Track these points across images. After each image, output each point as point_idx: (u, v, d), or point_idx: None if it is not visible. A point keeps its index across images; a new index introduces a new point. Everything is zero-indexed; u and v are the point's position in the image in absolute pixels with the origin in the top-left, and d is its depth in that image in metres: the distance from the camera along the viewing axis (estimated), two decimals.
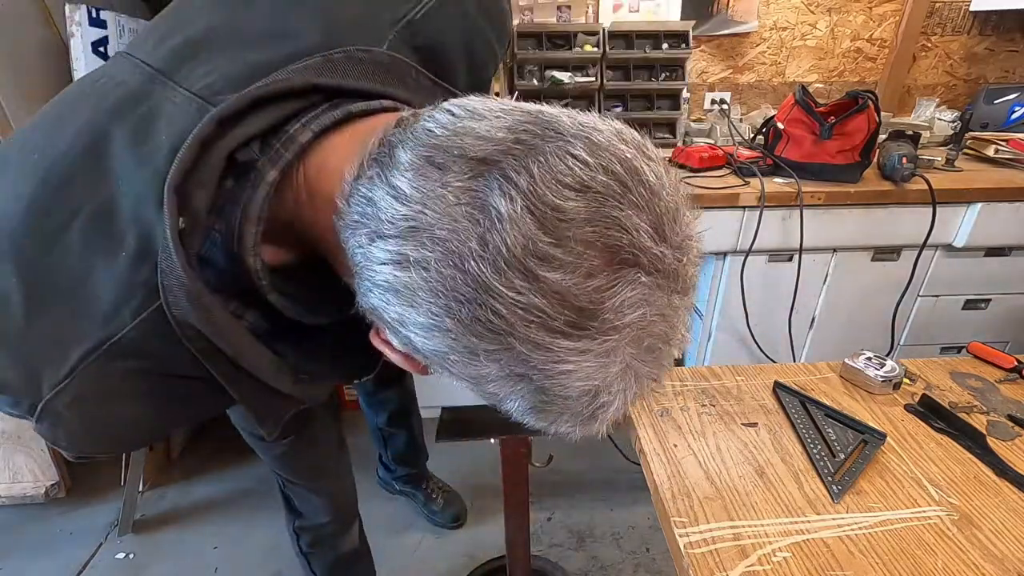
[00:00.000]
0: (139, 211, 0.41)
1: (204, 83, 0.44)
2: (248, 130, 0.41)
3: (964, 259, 1.70)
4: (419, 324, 0.34)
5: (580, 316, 0.31)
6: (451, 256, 0.31)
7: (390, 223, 0.33)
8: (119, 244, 0.42)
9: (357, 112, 0.44)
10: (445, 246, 0.31)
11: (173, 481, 1.71)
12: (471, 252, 0.31)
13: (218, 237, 0.42)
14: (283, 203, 0.43)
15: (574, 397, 0.35)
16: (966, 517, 0.62)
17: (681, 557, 0.57)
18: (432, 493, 1.59)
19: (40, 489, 1.58)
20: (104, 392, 0.45)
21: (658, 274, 0.33)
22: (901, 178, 1.53)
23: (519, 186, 0.31)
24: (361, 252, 0.35)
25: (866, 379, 0.82)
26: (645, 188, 0.32)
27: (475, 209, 0.31)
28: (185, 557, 1.47)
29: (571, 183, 0.31)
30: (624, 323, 0.32)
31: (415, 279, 0.32)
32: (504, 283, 0.30)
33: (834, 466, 0.68)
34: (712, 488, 0.65)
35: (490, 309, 0.31)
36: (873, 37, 2.12)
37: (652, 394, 0.40)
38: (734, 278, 1.66)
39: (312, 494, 1.04)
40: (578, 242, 0.31)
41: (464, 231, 0.31)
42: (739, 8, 2.04)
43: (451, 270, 0.31)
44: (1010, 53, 2.16)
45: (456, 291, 0.32)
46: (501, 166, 0.32)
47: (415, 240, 0.32)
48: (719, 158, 1.72)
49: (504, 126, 0.33)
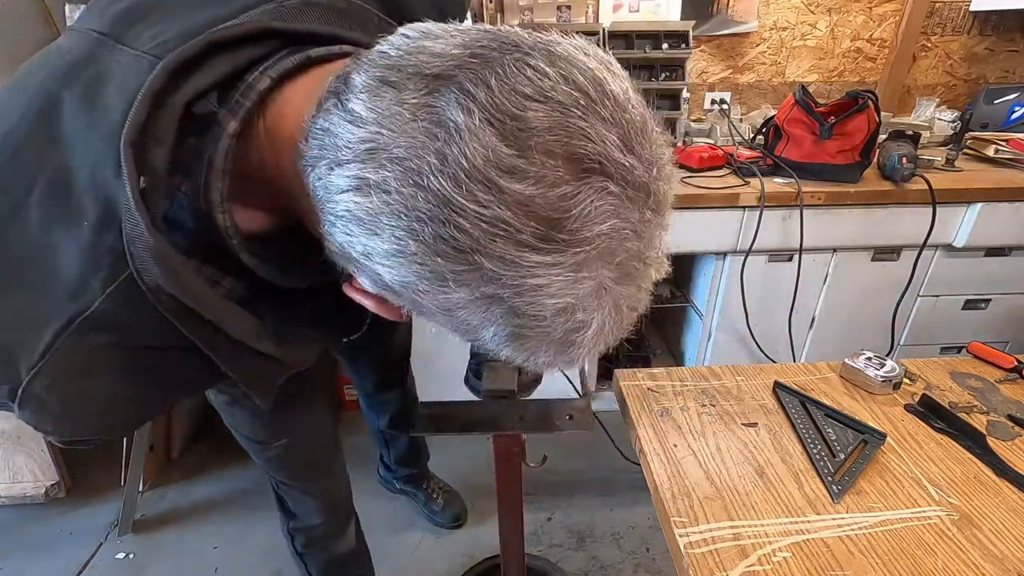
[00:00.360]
0: (96, 176, 0.40)
1: (156, 42, 0.43)
2: (204, 80, 0.39)
3: (964, 259, 1.70)
4: (384, 252, 0.33)
5: (547, 227, 0.30)
6: (410, 174, 0.30)
7: (347, 148, 0.32)
8: (79, 213, 0.40)
9: (316, 57, 0.42)
10: (404, 164, 0.31)
11: (173, 481, 1.71)
12: (430, 168, 0.30)
13: (184, 198, 0.41)
14: (248, 155, 0.42)
15: (548, 317, 0.33)
16: (966, 517, 0.62)
17: (681, 557, 0.57)
18: (433, 493, 1.59)
19: (40, 489, 1.58)
20: (81, 370, 0.44)
21: (628, 186, 0.32)
22: (901, 178, 1.53)
23: (477, 98, 0.30)
24: (321, 184, 0.34)
25: (866, 379, 0.82)
26: (610, 100, 0.31)
27: (432, 124, 0.30)
28: (185, 557, 1.47)
29: (531, 94, 0.30)
30: (593, 234, 0.31)
31: (375, 203, 0.32)
32: (466, 197, 0.29)
33: (834, 466, 0.68)
34: (712, 488, 0.65)
35: (453, 226, 0.30)
36: (873, 37, 2.12)
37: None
38: (734, 278, 1.66)
39: (306, 496, 1.03)
40: (541, 151, 0.30)
41: (422, 147, 0.30)
42: (739, 8, 2.04)
43: (411, 188, 0.31)
44: (1010, 53, 2.16)
45: (417, 210, 0.31)
46: (457, 80, 0.31)
47: (373, 162, 0.31)
48: (719, 158, 1.72)
49: (460, 43, 0.33)
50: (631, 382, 0.84)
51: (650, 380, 0.85)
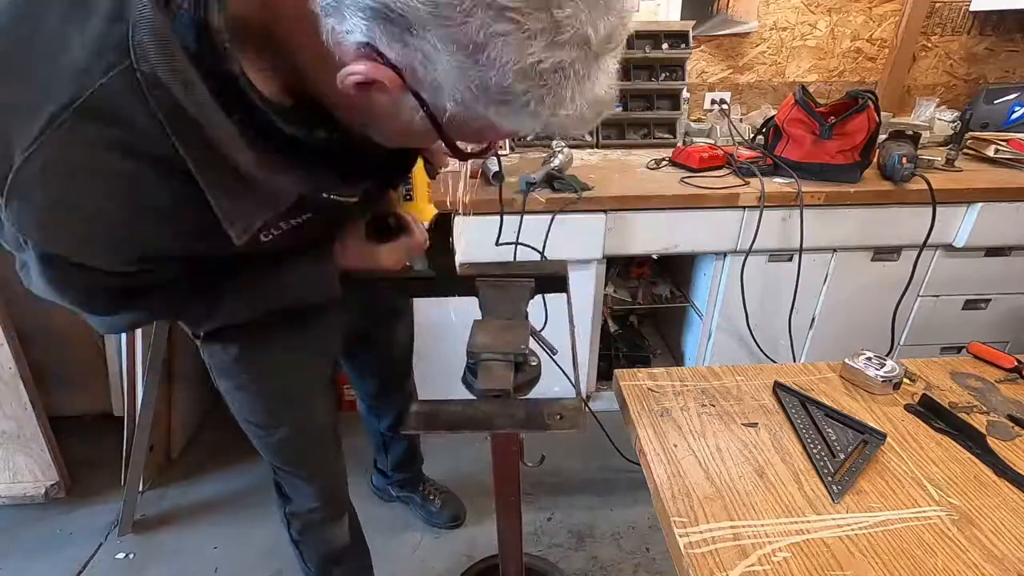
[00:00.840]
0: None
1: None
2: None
3: (964, 259, 1.70)
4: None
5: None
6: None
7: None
8: (92, 8, 0.43)
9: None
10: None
11: (173, 481, 1.71)
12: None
13: (185, 14, 0.43)
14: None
15: None
16: (966, 517, 0.62)
17: (681, 557, 0.57)
18: (429, 495, 1.59)
19: (40, 489, 1.58)
20: (73, 163, 0.45)
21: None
22: (901, 178, 1.54)
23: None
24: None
25: (866, 379, 0.82)
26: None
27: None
28: (185, 557, 1.47)
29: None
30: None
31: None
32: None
33: (834, 466, 0.68)
34: (712, 488, 0.65)
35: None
36: (873, 37, 2.12)
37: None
38: (734, 278, 1.66)
39: (303, 482, 1.05)
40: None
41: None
42: (739, 8, 2.04)
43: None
44: (1010, 53, 2.16)
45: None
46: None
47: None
48: (719, 158, 1.72)
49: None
50: (631, 382, 0.84)
51: (650, 380, 0.85)
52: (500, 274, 0.97)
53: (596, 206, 1.51)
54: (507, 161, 1.87)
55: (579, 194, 1.48)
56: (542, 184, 1.54)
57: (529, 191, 1.48)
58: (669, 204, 1.53)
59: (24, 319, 1.57)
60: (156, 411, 1.54)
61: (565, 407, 0.66)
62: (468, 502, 1.62)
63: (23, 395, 1.46)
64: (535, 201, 1.47)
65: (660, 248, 1.61)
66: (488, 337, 0.76)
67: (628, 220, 1.54)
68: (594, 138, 2.10)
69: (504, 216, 1.44)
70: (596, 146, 2.10)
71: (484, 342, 0.75)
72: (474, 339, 0.76)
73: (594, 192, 1.51)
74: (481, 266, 0.99)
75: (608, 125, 2.11)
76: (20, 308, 1.56)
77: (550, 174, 1.56)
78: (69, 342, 1.70)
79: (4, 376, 1.43)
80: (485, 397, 0.69)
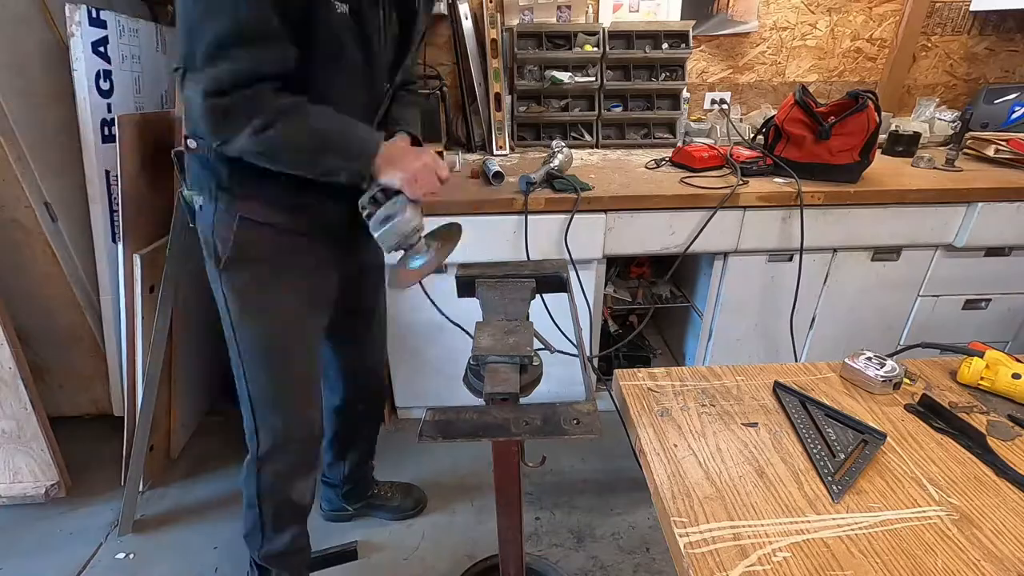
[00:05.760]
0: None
1: None
2: None
3: (964, 259, 1.70)
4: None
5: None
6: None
7: None
8: None
9: None
10: None
11: (173, 481, 1.71)
12: None
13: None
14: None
15: None
16: (966, 517, 0.62)
17: (681, 557, 0.57)
18: (384, 493, 1.60)
19: (40, 489, 1.58)
20: None
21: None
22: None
23: None
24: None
25: (866, 379, 0.82)
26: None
27: None
28: (185, 557, 1.47)
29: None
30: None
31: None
32: None
33: (834, 466, 0.68)
34: (712, 488, 0.65)
35: None
36: (873, 37, 2.12)
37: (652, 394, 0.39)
38: (734, 278, 1.66)
39: (282, 425, 1.09)
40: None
41: None
42: (739, 8, 2.04)
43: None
44: (1010, 53, 2.16)
45: None
46: None
47: None
48: (719, 158, 1.72)
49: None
50: (631, 382, 0.84)
51: (650, 380, 0.85)
52: (500, 274, 0.97)
53: (596, 206, 1.51)
54: (507, 161, 1.87)
55: (579, 194, 1.48)
56: (542, 184, 1.54)
57: (529, 191, 1.48)
58: (669, 204, 1.53)
59: (24, 319, 1.57)
60: (156, 411, 1.54)
61: (580, 412, 0.66)
62: (468, 502, 1.62)
63: (23, 395, 1.46)
64: (535, 201, 1.48)
65: (660, 248, 1.61)
66: (492, 340, 0.76)
67: (628, 220, 1.54)
68: (594, 138, 2.10)
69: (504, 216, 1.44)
70: (596, 146, 2.10)
71: (489, 345, 0.75)
72: (479, 341, 0.76)
73: (594, 192, 1.51)
74: (481, 266, 0.99)
75: (608, 125, 2.11)
76: (20, 308, 1.56)
77: (550, 174, 1.56)
78: (69, 342, 1.70)
79: (4, 376, 1.43)
80: (492, 401, 0.69)
